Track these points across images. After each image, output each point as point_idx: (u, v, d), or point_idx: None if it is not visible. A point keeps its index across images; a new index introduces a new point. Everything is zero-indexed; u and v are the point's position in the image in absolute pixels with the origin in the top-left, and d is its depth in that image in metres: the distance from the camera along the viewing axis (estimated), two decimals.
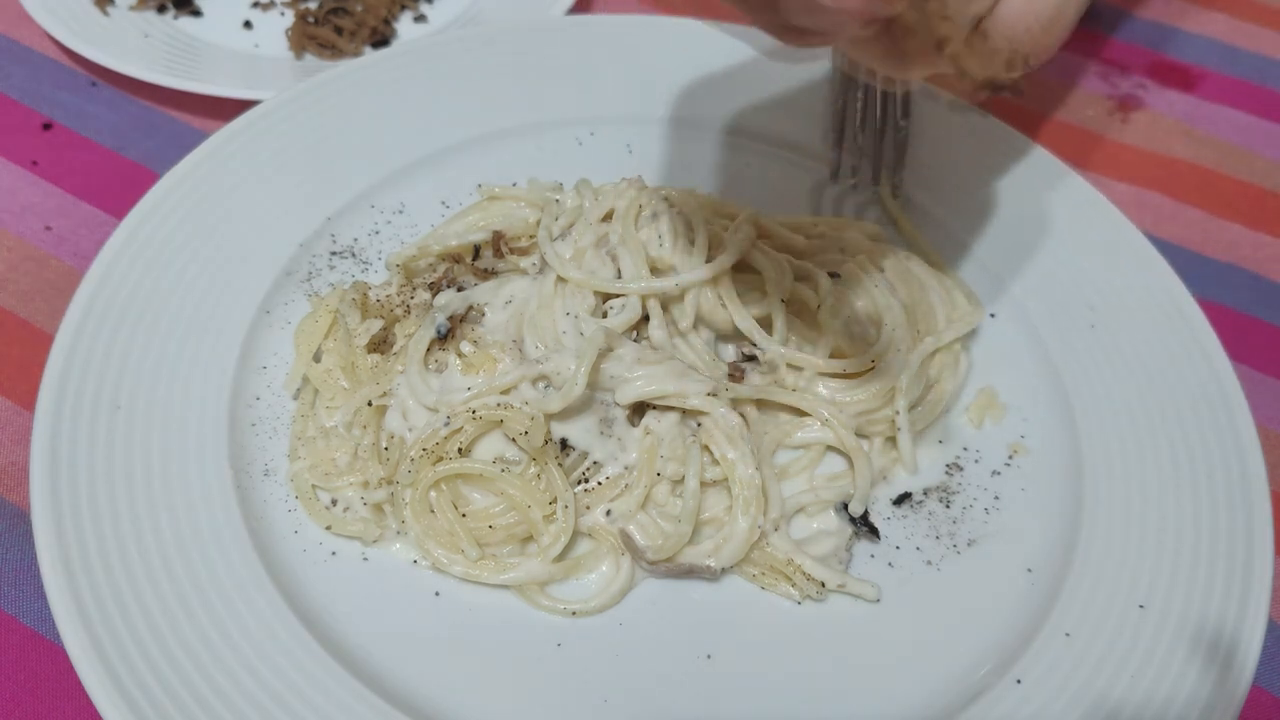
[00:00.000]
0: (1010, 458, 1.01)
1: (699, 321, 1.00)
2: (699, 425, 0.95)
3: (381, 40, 1.38)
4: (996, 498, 0.98)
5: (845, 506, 0.96)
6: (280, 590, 0.85)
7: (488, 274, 1.03)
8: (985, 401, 1.04)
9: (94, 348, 0.93)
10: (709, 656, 0.88)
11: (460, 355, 0.95)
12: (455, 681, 0.84)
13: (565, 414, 0.91)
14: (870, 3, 0.58)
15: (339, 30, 1.36)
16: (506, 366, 0.94)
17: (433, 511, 0.90)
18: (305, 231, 1.09)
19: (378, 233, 1.12)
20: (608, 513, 0.93)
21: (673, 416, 0.94)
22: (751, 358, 1.01)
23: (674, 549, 0.90)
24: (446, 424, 0.91)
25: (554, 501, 0.90)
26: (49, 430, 0.87)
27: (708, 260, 0.99)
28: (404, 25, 1.42)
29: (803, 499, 0.96)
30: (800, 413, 0.99)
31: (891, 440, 1.00)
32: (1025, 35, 0.64)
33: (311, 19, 1.37)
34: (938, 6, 0.58)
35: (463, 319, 0.97)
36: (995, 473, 1.00)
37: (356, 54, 1.34)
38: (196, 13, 1.39)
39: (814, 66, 1.26)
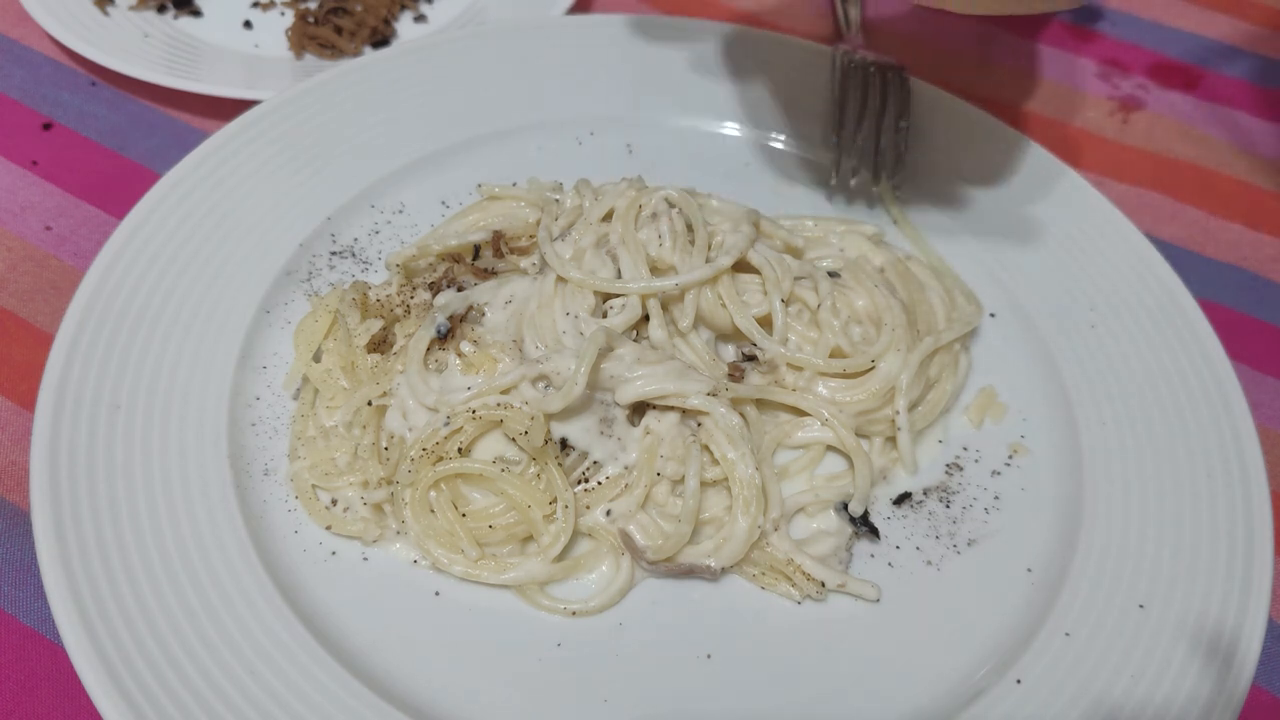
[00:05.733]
0: (1010, 458, 1.01)
1: (699, 321, 1.00)
2: (699, 425, 0.95)
3: (381, 40, 1.38)
4: (996, 498, 0.98)
5: (845, 506, 0.96)
6: (280, 590, 0.85)
7: (488, 274, 1.03)
8: (985, 401, 1.04)
9: (94, 348, 0.93)
10: (709, 656, 0.88)
11: (460, 355, 0.95)
12: (455, 681, 0.84)
13: (565, 414, 0.91)
14: None
15: (339, 30, 1.36)
16: (506, 366, 0.94)
17: (433, 511, 0.90)
18: (305, 231, 1.09)
19: (378, 233, 1.12)
20: (608, 513, 0.93)
21: (673, 416, 0.94)
22: (751, 358, 1.01)
23: (674, 549, 0.90)
24: (446, 424, 0.90)
25: (554, 501, 0.90)
26: (49, 430, 0.87)
27: (708, 260, 0.99)
28: (404, 25, 1.42)
29: (803, 499, 0.96)
30: (800, 413, 0.99)
31: (891, 440, 1.00)
32: None
33: (311, 19, 1.37)
34: None
35: (463, 319, 0.97)
36: (995, 473, 1.00)
37: (356, 54, 1.34)
38: (196, 13, 1.39)
39: (814, 66, 1.26)
